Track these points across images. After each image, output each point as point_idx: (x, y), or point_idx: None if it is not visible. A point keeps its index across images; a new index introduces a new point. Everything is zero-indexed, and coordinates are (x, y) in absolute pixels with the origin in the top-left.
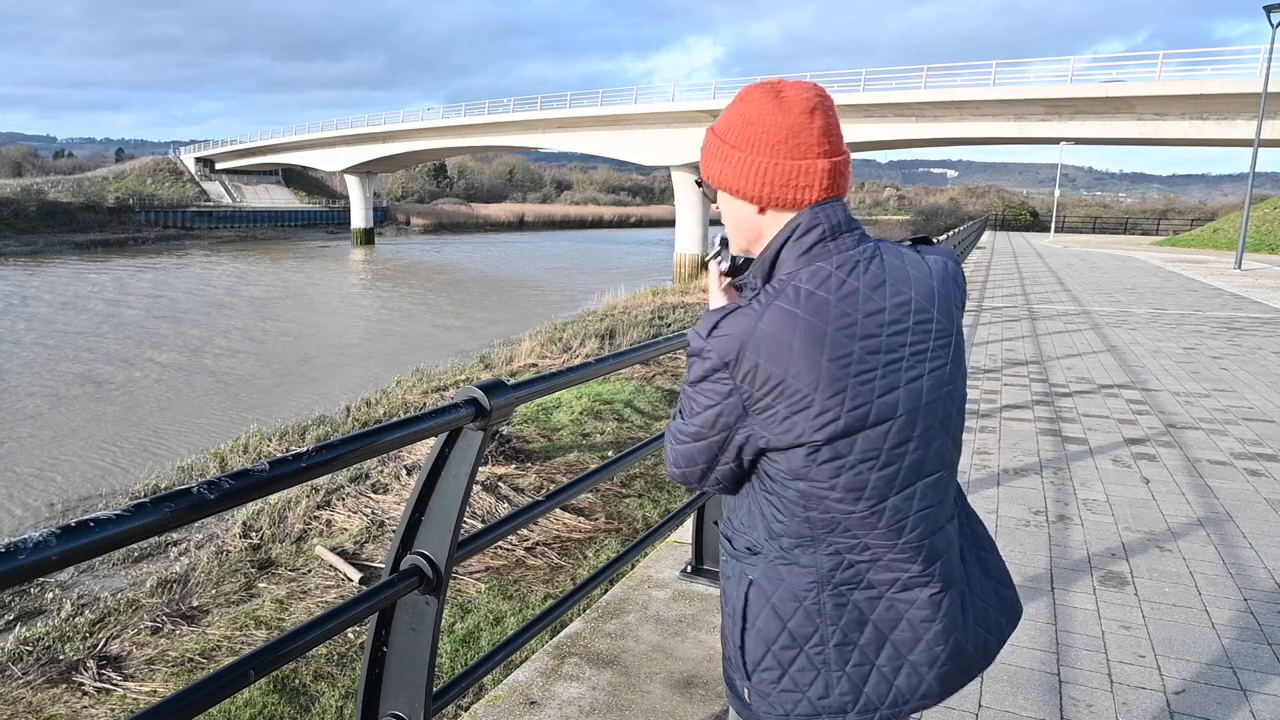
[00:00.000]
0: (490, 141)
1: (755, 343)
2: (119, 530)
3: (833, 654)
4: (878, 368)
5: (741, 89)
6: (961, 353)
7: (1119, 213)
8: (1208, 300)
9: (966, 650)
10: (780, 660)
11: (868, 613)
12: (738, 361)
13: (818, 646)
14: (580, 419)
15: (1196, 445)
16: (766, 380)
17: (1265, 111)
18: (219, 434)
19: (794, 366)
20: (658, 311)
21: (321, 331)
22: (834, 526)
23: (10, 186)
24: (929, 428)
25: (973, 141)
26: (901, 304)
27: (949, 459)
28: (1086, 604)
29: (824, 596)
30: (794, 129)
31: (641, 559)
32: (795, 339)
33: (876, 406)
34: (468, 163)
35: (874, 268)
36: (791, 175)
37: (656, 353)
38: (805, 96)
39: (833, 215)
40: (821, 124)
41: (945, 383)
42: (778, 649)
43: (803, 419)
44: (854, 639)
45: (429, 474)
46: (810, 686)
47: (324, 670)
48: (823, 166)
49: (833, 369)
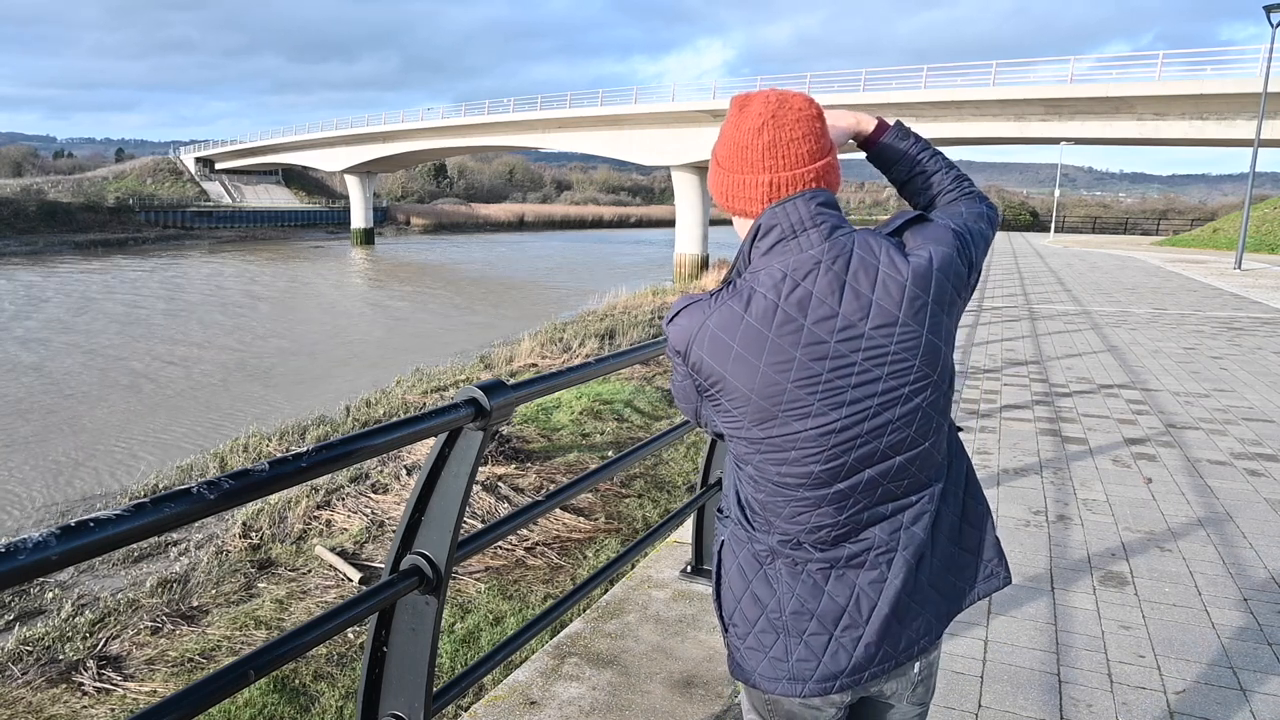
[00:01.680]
0: (490, 141)
1: (700, 338)
2: (119, 530)
3: (789, 620)
4: (822, 373)
5: (735, 100)
6: (936, 351)
7: (1119, 213)
8: (1208, 300)
9: (918, 620)
10: (747, 616)
11: (822, 584)
12: (686, 352)
13: (775, 611)
14: (580, 419)
15: (1196, 445)
16: (710, 374)
17: (1265, 111)
18: (219, 433)
19: (731, 367)
20: (658, 311)
21: (321, 331)
22: (781, 507)
23: (10, 186)
24: (884, 425)
25: (973, 141)
26: (861, 307)
27: (911, 444)
28: (1086, 604)
29: (779, 564)
30: (741, 145)
31: (641, 559)
32: (736, 340)
33: (817, 408)
34: (468, 163)
35: (836, 268)
36: (737, 188)
37: (656, 353)
38: (757, 113)
39: (792, 213)
40: (768, 140)
41: (910, 383)
42: (744, 605)
43: (741, 414)
44: (810, 608)
45: (429, 474)
46: (771, 648)
47: (324, 670)
48: (762, 181)
49: (769, 373)
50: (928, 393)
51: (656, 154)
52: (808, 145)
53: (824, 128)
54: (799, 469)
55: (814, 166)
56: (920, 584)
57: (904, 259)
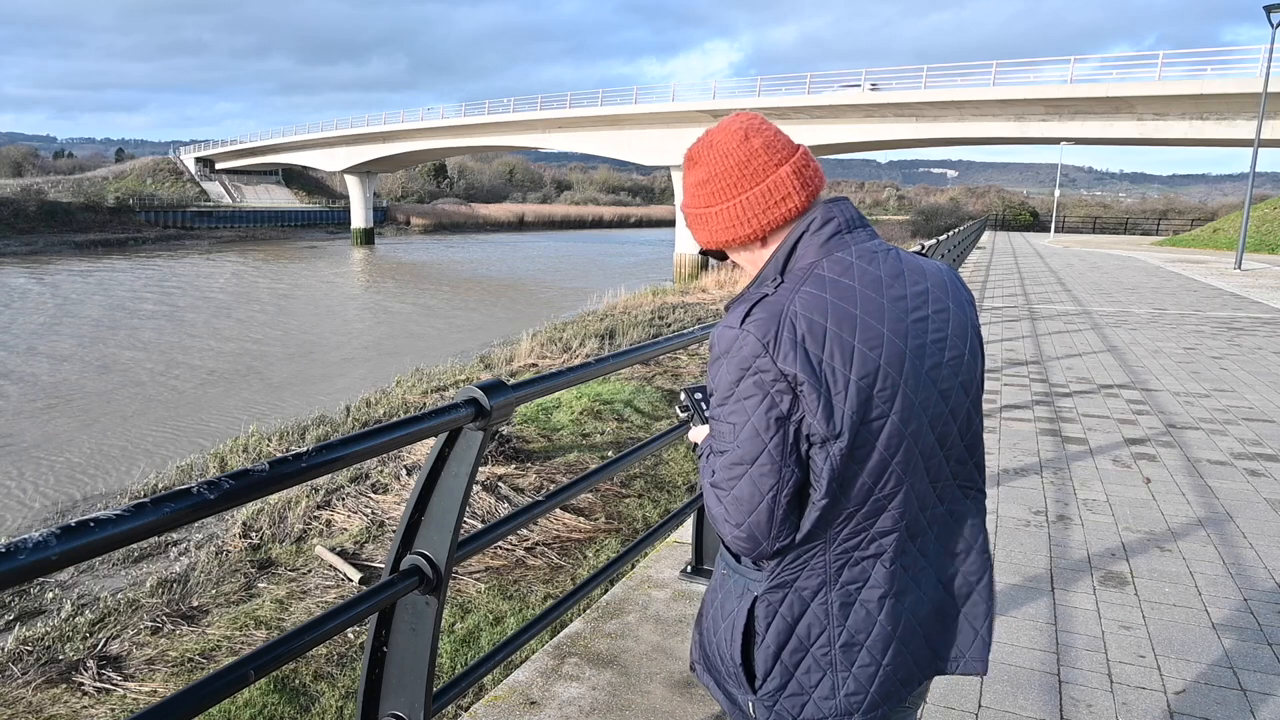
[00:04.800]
0: (490, 141)
1: (792, 322)
2: (119, 530)
3: (839, 654)
4: (906, 352)
5: (685, 156)
6: (980, 345)
7: (1119, 213)
8: (1208, 300)
9: (950, 641)
10: (787, 666)
11: (875, 612)
12: (777, 341)
13: (824, 647)
14: (580, 419)
15: (1196, 445)
16: (806, 359)
17: (1265, 111)
18: (219, 433)
19: (829, 347)
20: (658, 311)
21: (321, 331)
22: (850, 518)
23: (10, 186)
24: (939, 415)
25: (973, 141)
26: (920, 293)
27: (955, 449)
28: (1086, 604)
29: (832, 596)
30: (740, 161)
31: (641, 559)
32: (829, 320)
33: (903, 390)
34: (468, 163)
35: (891, 259)
36: (765, 198)
37: (656, 352)
38: (732, 130)
39: (845, 210)
40: (760, 142)
41: (960, 372)
42: (785, 656)
43: (840, 400)
44: (860, 639)
45: (429, 474)
46: (816, 688)
47: (324, 670)
48: (785, 173)
49: (863, 351)
50: (972, 389)
51: (656, 154)
52: (782, 136)
53: None
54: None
55: (805, 147)
56: (951, 591)
57: (931, 261)
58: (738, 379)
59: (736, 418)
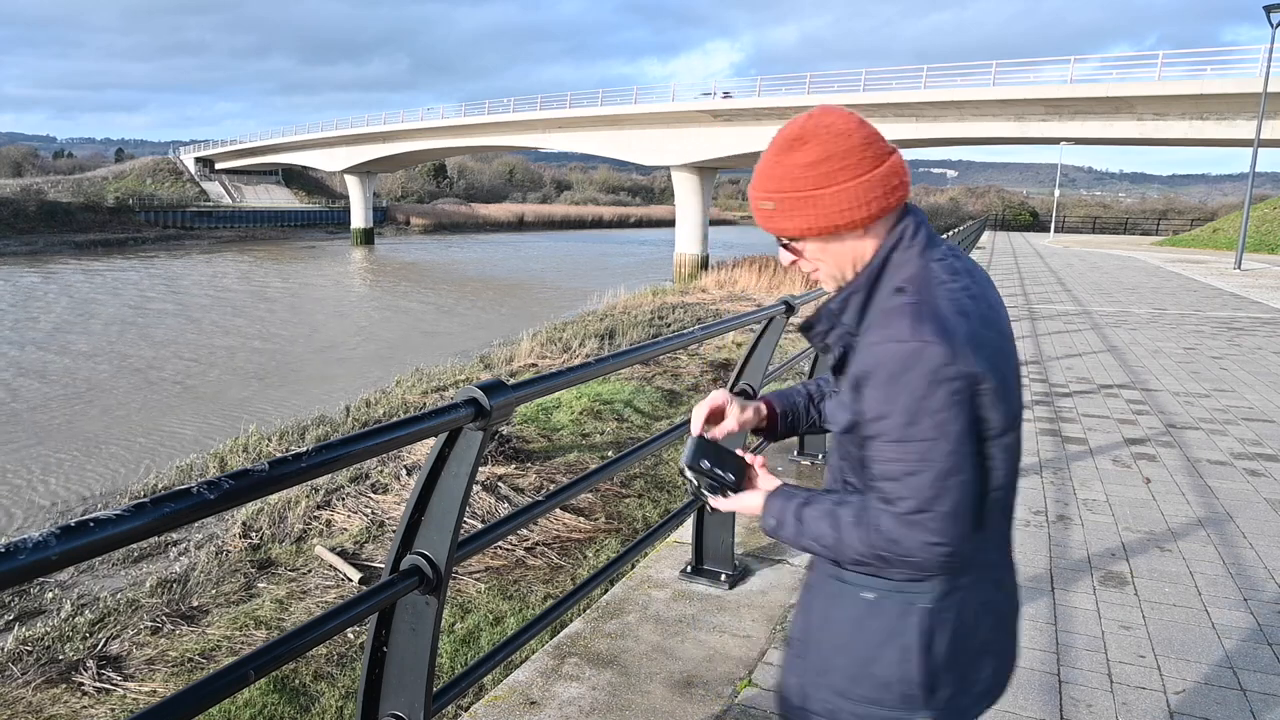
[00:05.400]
0: (490, 141)
1: (956, 322)
2: (119, 530)
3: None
4: (1011, 356)
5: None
6: None
7: (1119, 213)
8: (1208, 300)
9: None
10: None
11: (999, 589)
12: (954, 343)
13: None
14: (580, 419)
15: (1196, 445)
16: (974, 363)
17: (1265, 111)
18: (218, 432)
19: (988, 344)
20: (658, 311)
21: (320, 331)
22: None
23: (10, 186)
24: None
25: (973, 141)
26: (999, 302)
27: None
28: (1086, 604)
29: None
30: (864, 141)
31: (641, 559)
32: (976, 320)
33: (1017, 392)
34: (468, 163)
35: (965, 260)
36: (883, 180)
37: (656, 352)
38: (843, 114)
39: (925, 218)
40: (872, 128)
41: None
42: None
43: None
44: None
45: (429, 474)
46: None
47: (324, 670)
48: (898, 160)
49: (991, 354)
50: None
51: (656, 154)
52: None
53: None
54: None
55: None
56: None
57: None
58: (927, 392)
59: (933, 432)
